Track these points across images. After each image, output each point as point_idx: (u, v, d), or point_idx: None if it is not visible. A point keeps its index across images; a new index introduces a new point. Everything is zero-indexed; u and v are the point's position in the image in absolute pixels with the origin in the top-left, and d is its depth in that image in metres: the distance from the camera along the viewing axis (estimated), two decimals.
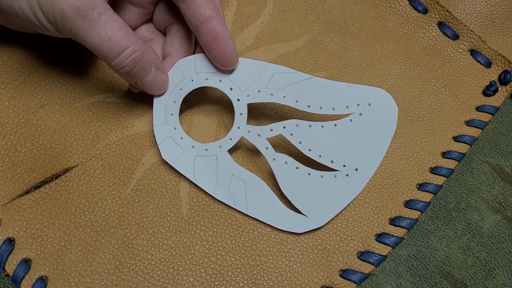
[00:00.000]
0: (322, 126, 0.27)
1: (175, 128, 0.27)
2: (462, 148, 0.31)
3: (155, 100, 0.28)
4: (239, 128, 0.28)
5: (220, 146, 0.28)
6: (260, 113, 0.31)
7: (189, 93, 0.28)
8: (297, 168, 0.27)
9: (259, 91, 0.27)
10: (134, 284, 0.26)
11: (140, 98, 0.30)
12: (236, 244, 0.27)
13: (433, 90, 0.33)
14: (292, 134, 0.27)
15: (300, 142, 0.27)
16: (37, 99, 0.30)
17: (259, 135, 0.27)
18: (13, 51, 0.31)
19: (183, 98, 0.28)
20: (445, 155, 0.31)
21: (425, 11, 0.35)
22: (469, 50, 0.34)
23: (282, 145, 0.30)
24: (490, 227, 0.30)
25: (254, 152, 0.30)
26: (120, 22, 0.24)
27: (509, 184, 0.31)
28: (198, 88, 0.28)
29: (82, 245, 0.26)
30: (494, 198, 0.30)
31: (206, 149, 0.28)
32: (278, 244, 0.27)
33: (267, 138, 0.27)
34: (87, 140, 0.29)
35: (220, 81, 0.28)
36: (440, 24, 0.34)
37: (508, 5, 0.35)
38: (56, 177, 0.28)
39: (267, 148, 0.27)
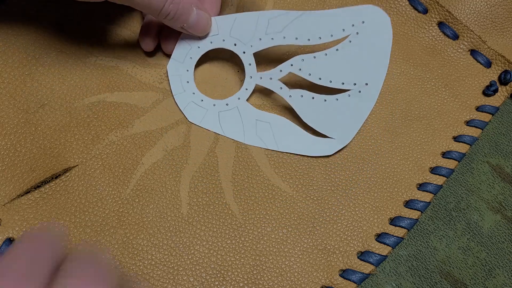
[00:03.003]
0: (326, 54, 0.29)
1: (193, 93, 0.30)
2: (462, 148, 0.31)
3: (170, 73, 0.30)
4: (251, 77, 0.30)
5: (239, 98, 0.30)
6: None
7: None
8: (313, 98, 0.29)
9: (260, 39, 0.29)
10: (134, 284, 0.26)
11: (141, 98, 0.30)
12: (236, 244, 0.27)
13: (433, 90, 0.33)
14: (300, 69, 0.29)
15: (310, 74, 0.29)
16: (37, 99, 0.30)
17: (271, 78, 0.29)
18: (13, 51, 0.31)
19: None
20: (445, 155, 0.31)
21: (425, 11, 0.35)
22: (469, 50, 0.34)
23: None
24: (490, 227, 0.30)
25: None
26: None
27: (509, 184, 0.31)
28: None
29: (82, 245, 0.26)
30: (494, 198, 0.30)
31: (227, 104, 0.30)
32: (278, 244, 0.27)
33: (279, 79, 0.29)
34: (87, 140, 0.29)
35: (224, 40, 0.30)
36: (440, 24, 0.34)
37: (508, 5, 0.35)
38: (56, 177, 0.28)
39: (281, 88, 0.29)
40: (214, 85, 0.31)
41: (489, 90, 0.33)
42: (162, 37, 0.31)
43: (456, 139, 0.31)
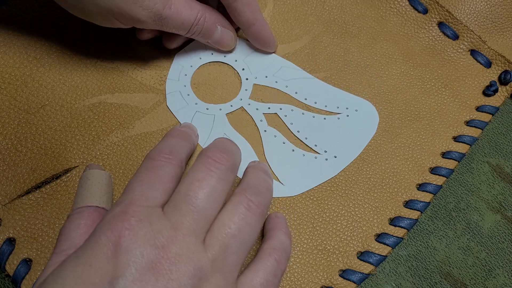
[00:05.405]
0: (313, 116, 0.31)
1: (185, 86, 0.31)
2: (462, 148, 0.31)
3: (176, 59, 0.32)
4: (241, 99, 0.31)
5: (220, 109, 0.31)
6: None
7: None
8: (284, 143, 0.30)
9: (267, 76, 0.32)
10: None
11: (141, 100, 0.30)
12: None
13: (433, 90, 0.33)
14: (286, 116, 0.31)
15: (292, 124, 0.31)
16: (38, 100, 0.30)
17: (257, 109, 0.31)
18: (14, 51, 0.31)
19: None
20: (445, 155, 0.31)
21: (425, 11, 0.35)
22: (469, 50, 0.34)
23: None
24: (490, 227, 0.30)
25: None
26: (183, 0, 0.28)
27: (509, 184, 0.31)
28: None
29: None
30: (494, 198, 0.30)
31: (207, 108, 0.31)
32: None
33: (263, 113, 0.31)
34: (88, 140, 0.29)
35: (236, 60, 0.32)
36: (440, 24, 0.35)
37: (508, 5, 0.35)
38: (57, 177, 0.28)
39: (261, 120, 0.31)
40: (214, 87, 0.31)
41: (489, 90, 0.33)
42: (164, 32, 0.31)
43: (456, 139, 0.31)
